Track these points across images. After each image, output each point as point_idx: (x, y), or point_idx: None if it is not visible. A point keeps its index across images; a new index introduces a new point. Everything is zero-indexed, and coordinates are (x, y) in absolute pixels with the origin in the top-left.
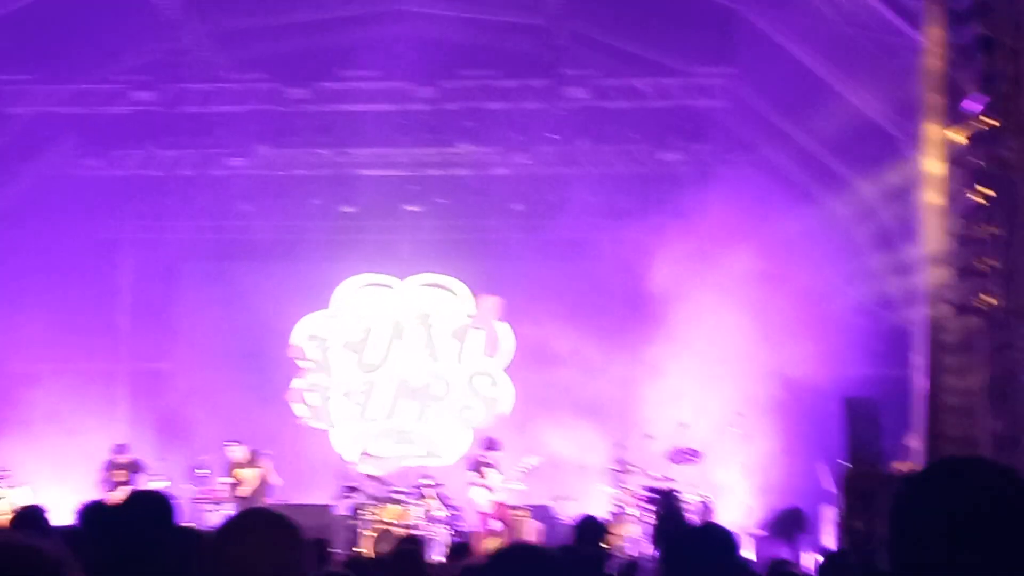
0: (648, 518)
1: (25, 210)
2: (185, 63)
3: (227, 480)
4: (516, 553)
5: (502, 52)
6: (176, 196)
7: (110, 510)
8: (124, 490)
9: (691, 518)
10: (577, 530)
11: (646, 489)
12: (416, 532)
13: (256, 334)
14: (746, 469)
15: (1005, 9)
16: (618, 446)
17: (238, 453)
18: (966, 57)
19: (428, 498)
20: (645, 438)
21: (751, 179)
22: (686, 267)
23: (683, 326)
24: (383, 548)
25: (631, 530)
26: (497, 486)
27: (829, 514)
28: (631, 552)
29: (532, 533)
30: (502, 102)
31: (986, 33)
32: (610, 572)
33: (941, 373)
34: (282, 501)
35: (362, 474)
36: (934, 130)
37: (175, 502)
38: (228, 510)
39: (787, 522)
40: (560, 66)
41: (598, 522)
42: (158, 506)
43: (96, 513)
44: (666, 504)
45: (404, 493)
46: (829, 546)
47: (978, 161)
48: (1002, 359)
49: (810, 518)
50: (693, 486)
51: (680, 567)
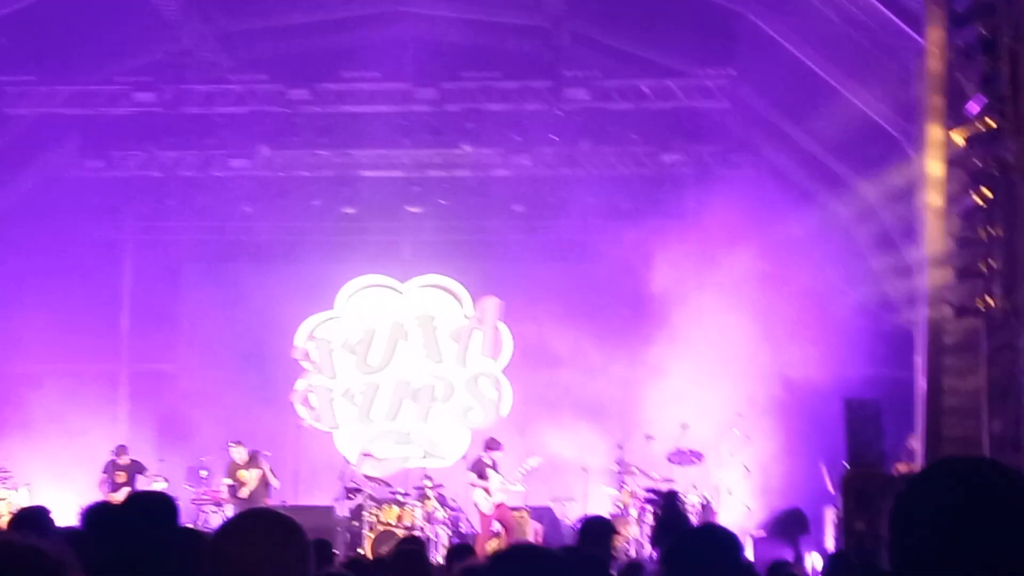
0: (649, 519)
1: (27, 211)
2: (187, 64)
3: (228, 481)
4: (518, 553)
5: (503, 53)
6: (177, 197)
7: (113, 511)
8: (125, 491)
9: (692, 519)
10: (583, 530)
11: (647, 490)
12: (416, 533)
13: (257, 335)
14: (747, 470)
15: (1005, 10)
16: (619, 447)
17: (239, 454)
18: (967, 58)
19: (428, 499)
20: (646, 439)
21: (752, 180)
22: (687, 268)
23: (684, 327)
24: (384, 549)
25: (632, 531)
26: (498, 487)
27: (830, 515)
28: (632, 553)
29: (532, 534)
30: (503, 103)
31: (986, 34)
32: (612, 573)
33: (941, 374)
34: (283, 502)
35: (363, 475)
36: (935, 131)
37: (177, 503)
38: (229, 511)
39: (788, 523)
40: (561, 67)
41: (605, 521)
42: (160, 507)
43: (101, 514)
44: (667, 505)
45: (405, 494)
46: (830, 547)
47: (978, 162)
48: (1002, 360)
49: (811, 519)
50: (694, 487)
51: (681, 567)
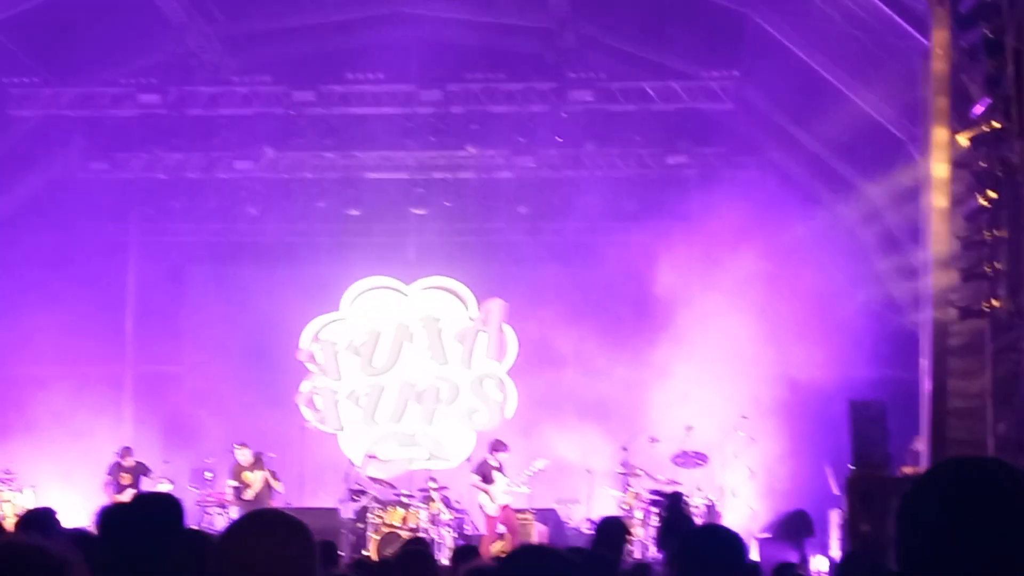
0: (653, 521)
1: (31, 213)
2: (191, 66)
3: (232, 483)
4: (527, 554)
5: (507, 55)
6: (182, 199)
7: (121, 512)
8: (129, 493)
9: (696, 521)
10: (598, 530)
11: (651, 492)
12: (421, 535)
13: (262, 337)
14: (752, 472)
15: (1010, 12)
16: (623, 449)
17: (244, 456)
18: (971, 60)
19: (433, 501)
20: (650, 441)
21: (756, 182)
22: (691, 270)
23: (688, 329)
24: (388, 551)
25: (637, 533)
26: (503, 489)
27: (835, 517)
28: (637, 555)
29: (537, 536)
30: (507, 105)
31: (991, 36)
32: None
33: (946, 376)
34: (287, 504)
35: (367, 477)
36: (939, 133)
37: (182, 505)
38: (233, 513)
39: (793, 525)
40: (565, 69)
41: (620, 523)
42: (166, 508)
43: (116, 516)
44: (671, 507)
45: (409, 496)
46: (835, 549)
47: (983, 164)
48: (1007, 361)
49: (816, 521)
50: (698, 489)
51: (688, 568)
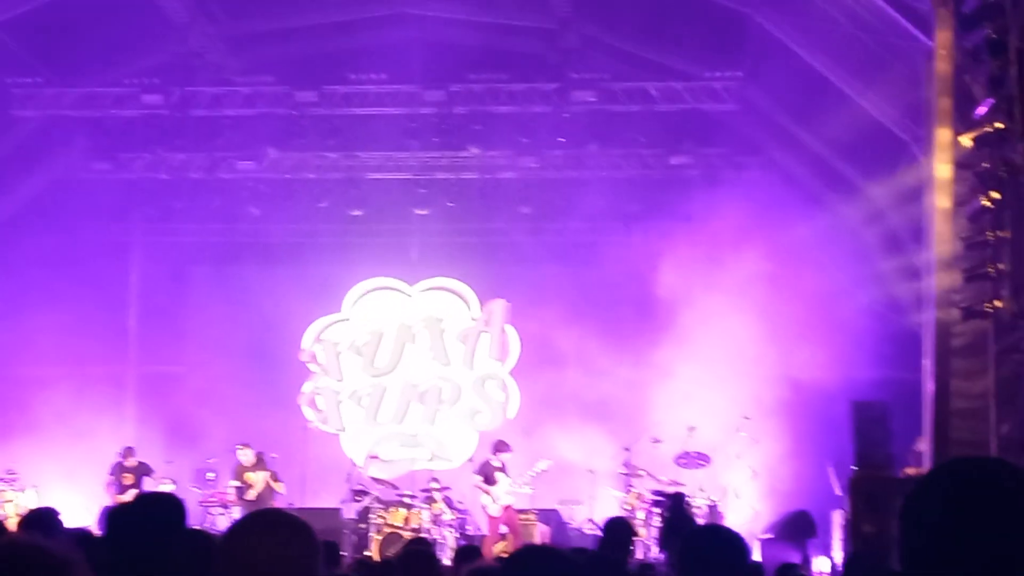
0: (656, 521)
1: (34, 213)
2: (194, 66)
3: (235, 483)
4: (530, 555)
5: (510, 55)
6: (185, 199)
7: (123, 512)
8: (132, 493)
9: (698, 521)
10: (606, 530)
11: (654, 492)
12: (423, 535)
13: (264, 337)
14: (754, 472)
15: (1014, 12)
16: (625, 450)
17: (246, 456)
18: (975, 60)
19: (435, 502)
20: (653, 441)
21: (759, 183)
22: (694, 270)
23: (691, 329)
24: (391, 552)
25: (640, 533)
26: (505, 490)
27: (837, 518)
28: (640, 555)
29: (539, 536)
30: (510, 105)
31: (995, 36)
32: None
33: (950, 377)
34: (290, 504)
35: (370, 478)
36: (943, 133)
37: (185, 505)
38: (236, 513)
39: (795, 526)
40: (568, 69)
41: (627, 523)
42: (168, 508)
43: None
44: (673, 507)
45: (412, 497)
46: (838, 550)
47: (986, 164)
48: (1010, 362)
49: (818, 522)
50: (701, 489)
51: (691, 567)
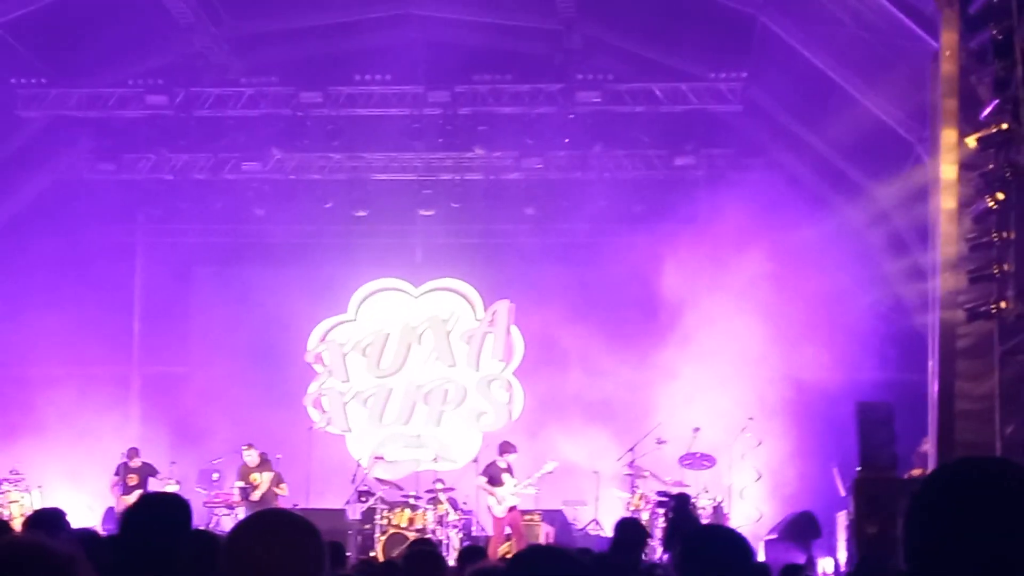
0: (660, 522)
1: (39, 214)
2: (198, 67)
3: (240, 484)
4: (535, 555)
5: (515, 56)
6: (189, 200)
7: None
8: (136, 494)
9: (703, 522)
10: (618, 530)
11: (658, 493)
12: (428, 536)
13: (269, 338)
14: (759, 473)
15: (1019, 13)
16: (630, 450)
17: (251, 457)
18: (980, 61)
19: (440, 502)
20: (657, 442)
21: (764, 184)
22: (698, 271)
23: (695, 330)
24: (395, 552)
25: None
26: (511, 491)
27: (842, 519)
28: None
29: (543, 537)
30: (515, 106)
31: (1000, 37)
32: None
33: (954, 378)
34: (295, 505)
35: (375, 478)
36: (948, 135)
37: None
38: (241, 514)
39: (800, 527)
40: (572, 70)
41: (639, 525)
42: (173, 509)
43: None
44: (678, 508)
45: (416, 497)
46: (842, 551)
47: (991, 166)
48: (1014, 363)
49: (823, 523)
50: (705, 490)
51: (693, 567)
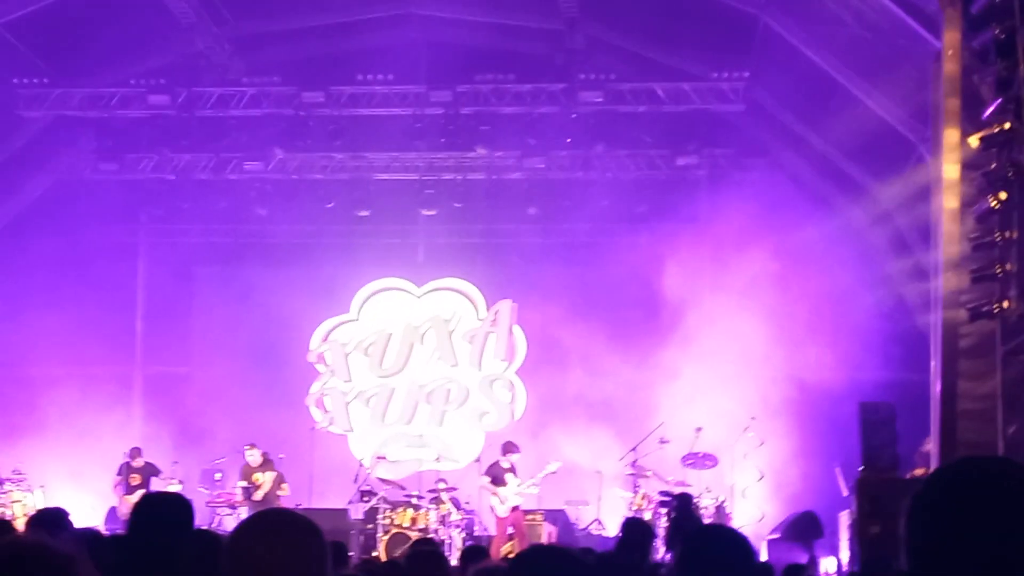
0: (663, 522)
1: (41, 214)
2: (200, 67)
3: (242, 484)
4: (537, 554)
5: (517, 56)
6: (191, 200)
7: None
8: (139, 494)
9: (705, 522)
10: (625, 529)
11: (660, 493)
12: (430, 536)
13: (271, 337)
14: (761, 473)
15: (1022, 13)
16: (632, 450)
17: (253, 457)
18: (983, 61)
19: (443, 502)
20: (660, 442)
21: (766, 184)
22: (701, 271)
23: (698, 330)
24: (398, 552)
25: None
26: (514, 491)
27: (844, 519)
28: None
29: (546, 537)
30: (517, 106)
31: (1003, 36)
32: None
33: (957, 378)
34: (297, 505)
35: (377, 478)
36: (950, 134)
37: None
38: (243, 514)
39: (802, 526)
40: (575, 70)
41: (646, 525)
42: (176, 509)
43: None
44: (680, 508)
45: (419, 497)
46: (844, 551)
47: (994, 165)
48: (1016, 363)
49: (825, 523)
50: (708, 490)
51: (693, 567)
